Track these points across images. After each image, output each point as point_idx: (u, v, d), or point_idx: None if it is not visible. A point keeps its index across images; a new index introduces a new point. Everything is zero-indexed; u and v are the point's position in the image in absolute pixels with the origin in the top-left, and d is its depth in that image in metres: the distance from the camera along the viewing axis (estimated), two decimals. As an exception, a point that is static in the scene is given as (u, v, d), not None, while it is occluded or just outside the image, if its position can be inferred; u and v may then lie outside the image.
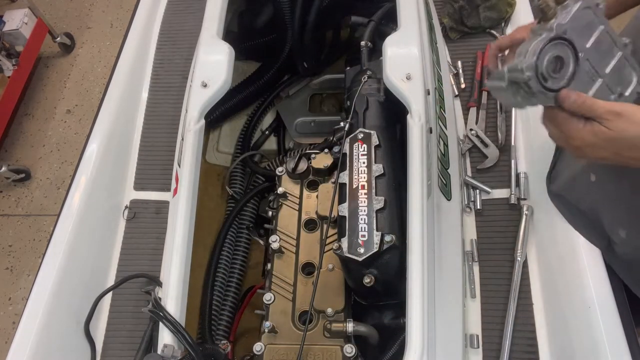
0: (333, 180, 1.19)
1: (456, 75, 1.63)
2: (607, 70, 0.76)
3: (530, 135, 1.42)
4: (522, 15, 1.66)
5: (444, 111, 1.36)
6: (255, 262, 1.54)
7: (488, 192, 1.39)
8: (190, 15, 1.79)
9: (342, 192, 1.05)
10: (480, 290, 1.26)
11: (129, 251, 1.39)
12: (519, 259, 1.25)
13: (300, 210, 1.22)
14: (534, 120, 1.42)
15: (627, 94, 0.78)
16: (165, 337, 0.99)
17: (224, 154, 1.69)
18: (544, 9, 0.72)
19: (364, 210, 1.00)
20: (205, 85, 1.24)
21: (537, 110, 0.80)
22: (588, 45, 0.74)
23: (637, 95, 0.79)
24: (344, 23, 1.76)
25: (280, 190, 1.24)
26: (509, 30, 1.67)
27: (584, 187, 1.08)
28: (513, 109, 1.50)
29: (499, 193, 1.38)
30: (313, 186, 1.25)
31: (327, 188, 1.20)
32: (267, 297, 1.09)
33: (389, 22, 1.41)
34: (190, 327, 1.09)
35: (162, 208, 1.44)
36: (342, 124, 1.23)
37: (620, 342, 1.04)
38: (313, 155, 1.25)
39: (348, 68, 1.41)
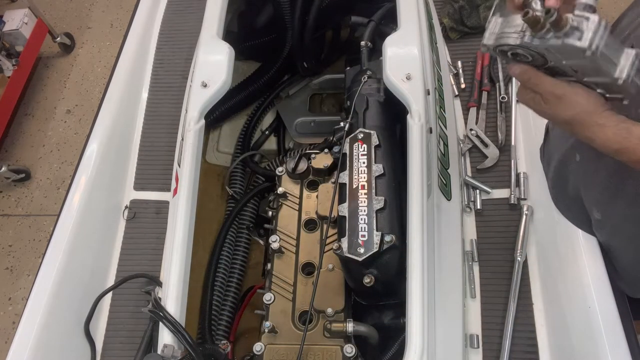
0: (333, 180, 1.19)
1: (456, 75, 1.63)
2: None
3: (530, 135, 1.42)
4: (522, 15, 1.65)
5: (444, 111, 1.36)
6: (255, 262, 1.54)
7: (488, 192, 1.39)
8: (190, 15, 1.79)
9: (342, 192, 1.05)
10: (480, 290, 1.26)
11: (129, 251, 1.39)
12: (519, 259, 1.25)
13: (300, 210, 1.22)
14: (534, 120, 1.42)
15: None
16: (165, 337, 0.99)
17: (224, 154, 1.69)
18: (532, 22, 0.70)
19: (364, 210, 1.00)
20: (205, 85, 1.24)
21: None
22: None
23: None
24: (344, 23, 1.76)
25: (280, 190, 1.24)
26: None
27: (570, 167, 1.10)
28: (513, 109, 1.50)
29: (499, 193, 1.38)
30: (313, 186, 1.25)
31: (327, 188, 1.20)
32: (267, 297, 1.09)
33: (389, 22, 1.41)
34: (190, 327, 1.09)
35: (162, 208, 1.44)
36: (342, 124, 1.23)
37: (620, 342, 1.04)
38: (313, 155, 1.25)
39: (348, 68, 1.41)
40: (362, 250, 0.96)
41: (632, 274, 1.09)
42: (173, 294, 1.04)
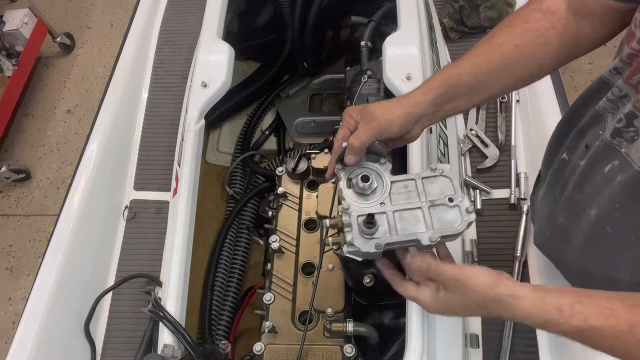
0: (333, 180, 1.19)
1: (456, 75, 1.63)
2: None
3: (530, 135, 1.42)
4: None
5: (444, 111, 1.35)
6: (255, 262, 1.54)
7: (488, 192, 1.39)
8: (190, 15, 1.79)
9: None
10: (480, 290, 1.26)
11: (129, 251, 1.39)
12: (519, 259, 1.25)
13: (300, 210, 1.22)
14: (534, 120, 1.42)
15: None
16: (165, 337, 0.99)
17: (224, 154, 1.69)
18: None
19: (364, 210, 1.00)
20: (205, 85, 1.24)
21: (537, 110, 0.81)
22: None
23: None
24: (344, 23, 1.76)
25: (280, 190, 1.24)
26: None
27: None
28: (513, 109, 1.50)
29: (499, 193, 1.39)
30: (313, 186, 1.25)
31: (327, 188, 1.20)
32: (267, 297, 1.08)
33: (389, 22, 1.41)
34: (190, 327, 1.09)
35: (162, 208, 1.44)
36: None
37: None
38: (313, 155, 1.25)
39: (348, 68, 1.41)
40: (362, 250, 0.96)
41: None
42: (173, 294, 1.04)
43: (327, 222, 0.83)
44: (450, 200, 0.79)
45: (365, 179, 0.81)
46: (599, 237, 0.86)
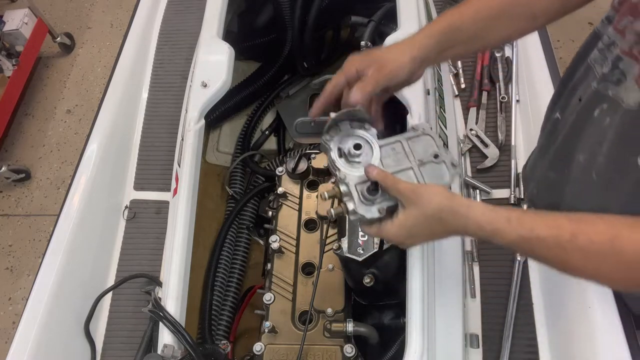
0: (333, 180, 1.19)
1: (456, 75, 1.63)
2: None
3: (530, 135, 1.42)
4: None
5: (444, 111, 1.36)
6: (255, 262, 1.54)
7: (488, 192, 1.39)
8: (190, 15, 1.79)
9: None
10: (480, 290, 1.26)
11: (129, 251, 1.39)
12: (519, 259, 1.25)
13: (300, 210, 1.22)
14: (534, 120, 1.42)
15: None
16: (165, 337, 0.99)
17: (224, 154, 1.69)
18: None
19: (364, 210, 1.00)
20: (205, 85, 1.24)
21: (537, 110, 0.81)
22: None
23: None
24: (344, 23, 1.76)
25: (280, 190, 1.24)
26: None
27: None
28: (513, 109, 1.50)
29: (499, 193, 1.38)
30: (313, 186, 1.25)
31: (327, 188, 1.20)
32: (267, 297, 1.09)
33: (389, 22, 1.41)
34: (190, 327, 1.09)
35: (162, 208, 1.44)
36: (342, 124, 1.22)
37: (620, 342, 1.03)
38: (313, 155, 1.25)
39: (348, 68, 1.41)
40: (362, 251, 0.96)
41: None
42: (173, 294, 1.04)
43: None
44: (436, 156, 0.83)
45: (357, 146, 0.83)
46: (586, 187, 0.87)
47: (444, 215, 0.72)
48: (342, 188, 0.81)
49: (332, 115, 0.84)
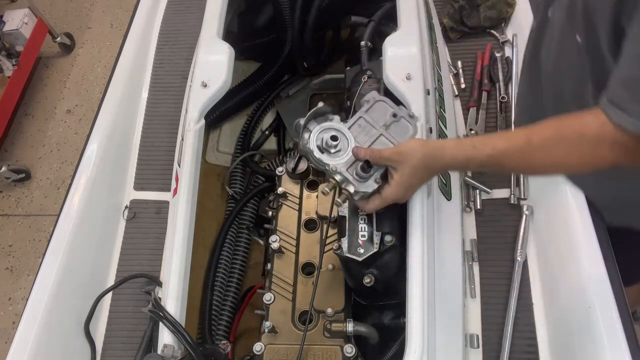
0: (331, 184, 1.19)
1: (456, 75, 1.63)
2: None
3: (530, 135, 1.42)
4: (522, 15, 1.65)
5: (444, 111, 1.36)
6: (255, 262, 1.54)
7: (488, 192, 1.38)
8: (190, 15, 1.79)
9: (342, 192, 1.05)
10: (480, 290, 1.26)
11: (129, 251, 1.39)
12: (519, 259, 1.25)
13: (300, 210, 1.22)
14: (534, 120, 1.42)
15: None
16: (165, 337, 0.99)
17: (224, 154, 1.69)
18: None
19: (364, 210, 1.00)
20: (205, 85, 1.24)
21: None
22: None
23: None
24: (344, 23, 1.76)
25: (280, 190, 1.24)
26: (509, 30, 1.67)
27: None
28: (513, 109, 1.50)
29: (499, 193, 1.38)
30: (313, 186, 1.25)
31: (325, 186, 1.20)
32: (267, 297, 1.09)
33: (389, 22, 1.41)
34: (190, 327, 1.09)
35: (162, 208, 1.44)
36: (342, 124, 1.22)
37: (620, 342, 1.04)
38: (313, 155, 1.25)
39: (348, 68, 1.41)
40: (362, 250, 0.96)
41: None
42: (173, 294, 1.04)
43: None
44: (394, 115, 0.95)
45: (334, 138, 0.92)
46: (548, 93, 1.02)
47: (427, 161, 0.85)
48: (338, 178, 0.89)
49: (301, 121, 0.93)
